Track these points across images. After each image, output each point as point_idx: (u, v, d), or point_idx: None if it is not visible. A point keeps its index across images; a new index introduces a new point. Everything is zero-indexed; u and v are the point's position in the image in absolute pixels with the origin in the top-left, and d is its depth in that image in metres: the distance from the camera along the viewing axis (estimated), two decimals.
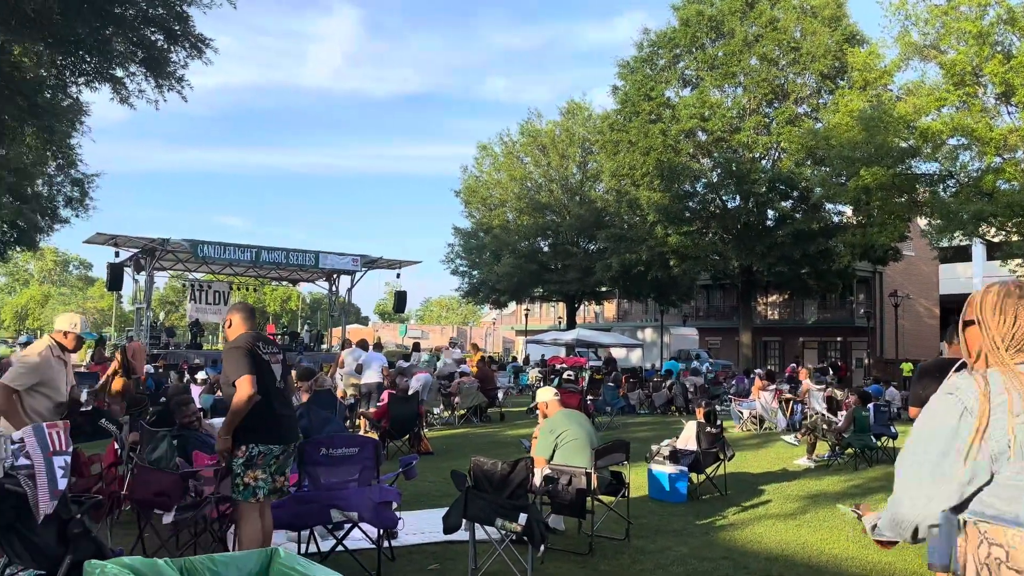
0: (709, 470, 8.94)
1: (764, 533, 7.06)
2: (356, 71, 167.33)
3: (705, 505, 8.18)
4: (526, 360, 32.33)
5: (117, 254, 24.46)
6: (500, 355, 49.22)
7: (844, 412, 12.34)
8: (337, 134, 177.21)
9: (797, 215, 29.01)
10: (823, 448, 11.67)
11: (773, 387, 16.32)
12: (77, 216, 28.81)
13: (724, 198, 30.64)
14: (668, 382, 20.41)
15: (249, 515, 4.80)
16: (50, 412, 5.29)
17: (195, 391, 12.16)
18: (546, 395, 7.07)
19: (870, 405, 11.73)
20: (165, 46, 11.72)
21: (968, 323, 2.13)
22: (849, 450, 11.31)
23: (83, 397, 10.53)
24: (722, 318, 44.35)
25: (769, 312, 43.91)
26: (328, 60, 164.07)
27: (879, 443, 11.66)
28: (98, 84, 11.92)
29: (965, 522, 1.93)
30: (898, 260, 30.25)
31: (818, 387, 16.07)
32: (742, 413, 16.15)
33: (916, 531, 2.00)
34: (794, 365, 26.95)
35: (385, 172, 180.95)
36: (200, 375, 16.29)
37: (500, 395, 17.87)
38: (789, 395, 16.07)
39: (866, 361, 37.57)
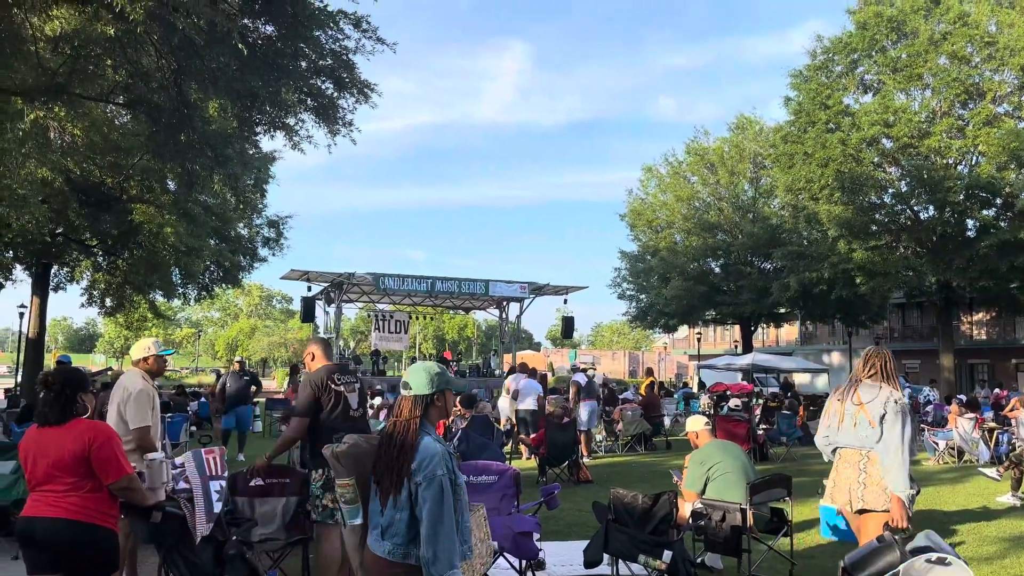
0: None
1: None
2: (526, 103, 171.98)
3: None
4: (701, 386, 31.33)
5: (309, 288, 26.32)
6: (671, 381, 48.03)
7: None
8: (507, 166, 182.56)
9: (1001, 224, 26.22)
10: None
11: (972, 415, 14.69)
12: (274, 255, 31.46)
13: (915, 208, 28.31)
14: None
15: (329, 536, 5.01)
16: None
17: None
18: (696, 424, 6.75)
19: None
20: (335, 93, 12.59)
21: None
22: None
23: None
24: (920, 339, 40.83)
25: (975, 331, 39.91)
26: (500, 95, 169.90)
27: None
28: (273, 132, 13.02)
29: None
30: None
31: None
32: (937, 444, 14.67)
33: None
34: (997, 391, 24.19)
35: (553, 200, 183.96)
36: (377, 400, 16.92)
37: (667, 422, 17.37)
38: (993, 423, 14.40)
39: None
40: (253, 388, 14.52)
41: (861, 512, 4.62)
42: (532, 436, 12.49)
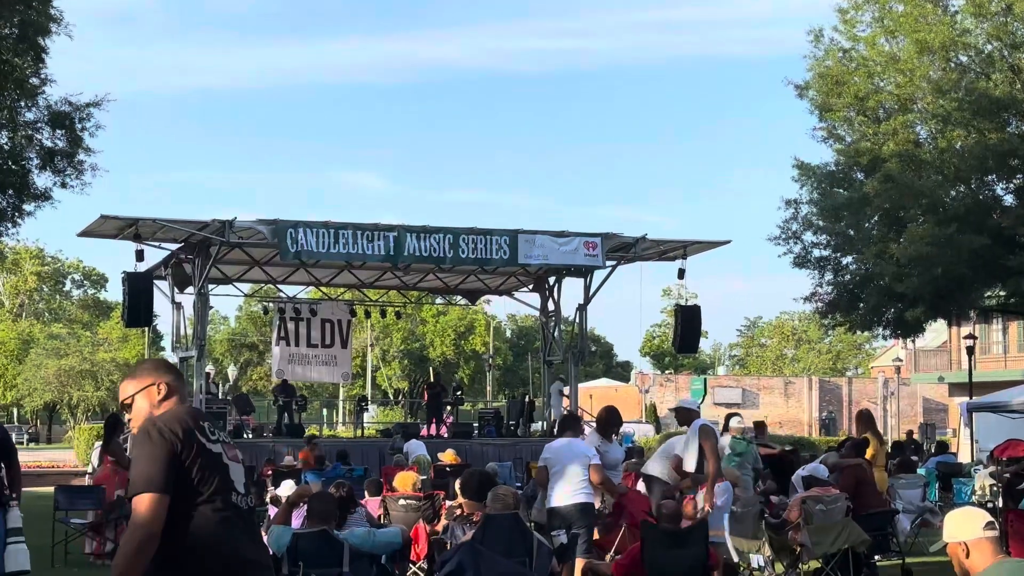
0: None
1: None
2: None
3: None
4: (975, 447, 31.31)
5: (141, 255, 26.45)
6: (914, 434, 47.95)
7: None
8: None
9: None
10: None
11: None
12: (66, 185, 31.59)
13: None
14: None
15: None
16: None
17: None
18: (966, 527, 6.77)
19: None
20: None
21: None
22: None
23: None
24: None
25: None
26: None
27: None
28: None
29: None
30: None
31: None
32: None
33: None
34: None
35: (646, 63, 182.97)
36: (285, 486, 17.18)
37: (904, 524, 17.40)
38: None
39: None
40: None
41: None
42: (618, 556, 12.59)
